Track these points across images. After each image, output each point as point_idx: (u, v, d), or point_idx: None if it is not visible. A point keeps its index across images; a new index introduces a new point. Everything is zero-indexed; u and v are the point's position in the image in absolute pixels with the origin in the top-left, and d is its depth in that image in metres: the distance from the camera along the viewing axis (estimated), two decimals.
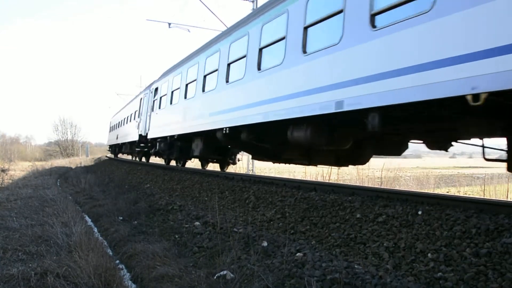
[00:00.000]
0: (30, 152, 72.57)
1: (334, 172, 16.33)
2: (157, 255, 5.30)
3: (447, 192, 13.49)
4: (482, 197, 9.12)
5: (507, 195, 12.16)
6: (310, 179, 14.37)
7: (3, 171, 22.53)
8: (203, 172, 12.21)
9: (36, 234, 6.49)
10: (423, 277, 3.73)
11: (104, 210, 9.33)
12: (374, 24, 5.09)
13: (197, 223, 6.69)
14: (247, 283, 4.08)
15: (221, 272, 4.38)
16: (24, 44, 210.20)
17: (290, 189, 7.31)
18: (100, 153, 60.90)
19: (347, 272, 3.87)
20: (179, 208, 8.25)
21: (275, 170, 24.01)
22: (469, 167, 41.53)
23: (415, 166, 37.31)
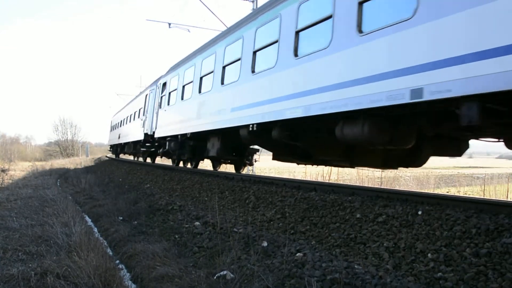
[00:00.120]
0: (30, 152, 72.58)
1: (334, 172, 16.34)
2: (157, 255, 5.30)
3: (447, 192, 13.49)
4: (482, 197, 9.12)
5: (507, 195, 12.18)
6: (310, 179, 14.39)
7: (3, 171, 22.53)
8: (203, 172, 12.21)
9: (36, 234, 6.49)
10: (423, 277, 3.74)
11: (104, 210, 9.33)
12: None
13: (197, 223, 6.69)
14: (247, 283, 4.08)
15: (221, 272, 4.38)
16: (24, 44, 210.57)
17: (290, 189, 7.31)
18: (100, 153, 60.93)
19: (347, 272, 3.87)
20: (179, 208, 8.25)
21: (275, 170, 24.03)
22: (469, 167, 41.54)
23: None
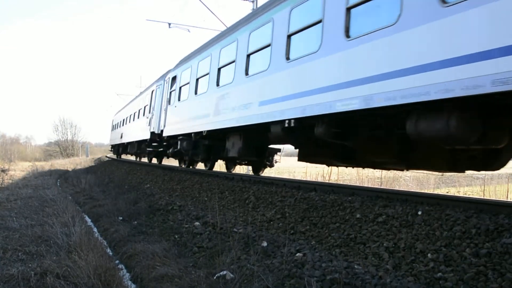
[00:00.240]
0: (30, 152, 72.63)
1: (334, 172, 16.35)
2: (157, 255, 5.30)
3: (447, 192, 13.49)
4: (482, 197, 9.13)
5: (507, 195, 12.18)
6: (310, 179, 14.39)
7: (3, 171, 22.52)
8: (203, 173, 12.21)
9: (36, 234, 6.49)
10: (423, 277, 3.73)
11: (104, 210, 9.33)
12: None
13: (197, 223, 6.69)
14: (247, 283, 4.08)
15: (221, 272, 4.38)
16: (24, 44, 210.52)
17: (290, 189, 7.30)
18: (100, 153, 60.93)
19: (347, 272, 3.87)
20: (179, 208, 8.25)
21: (275, 171, 24.01)
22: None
23: None
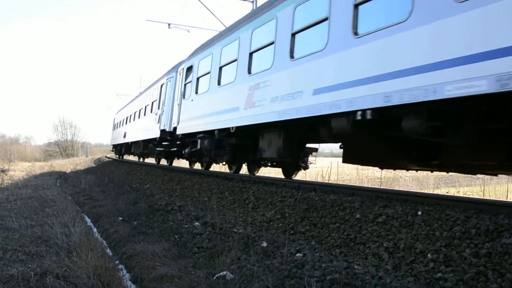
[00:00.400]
0: (30, 153, 72.67)
1: (334, 173, 16.36)
2: (157, 256, 5.30)
3: (447, 193, 13.49)
4: (482, 198, 9.14)
5: (507, 196, 12.19)
6: (310, 180, 14.40)
7: (3, 172, 22.54)
8: (203, 173, 12.21)
9: (36, 235, 6.49)
10: (423, 278, 3.73)
11: (104, 211, 9.32)
12: None
13: (197, 224, 6.69)
14: (247, 284, 4.08)
15: (221, 273, 4.37)
16: (24, 44, 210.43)
17: (290, 190, 7.30)
18: (100, 154, 60.94)
19: (347, 273, 3.87)
20: (179, 209, 8.25)
21: (275, 171, 23.99)
22: None
23: None
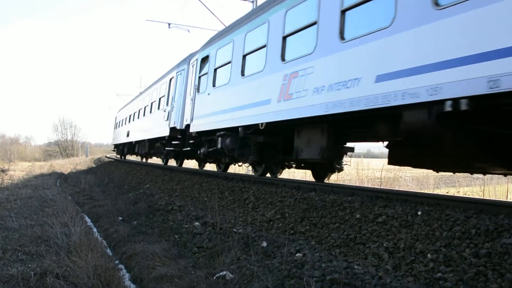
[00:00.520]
0: (30, 153, 72.68)
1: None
2: (157, 256, 5.30)
3: (447, 193, 13.48)
4: (482, 198, 9.13)
5: (507, 196, 12.16)
6: (310, 180, 14.38)
7: (3, 171, 22.55)
8: (203, 173, 12.21)
9: (36, 235, 6.49)
10: (423, 278, 3.73)
11: (104, 211, 9.33)
12: None
13: (197, 224, 6.69)
14: (247, 284, 4.08)
15: (221, 273, 4.38)
16: (24, 44, 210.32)
17: (290, 190, 7.30)
18: (100, 153, 60.95)
19: (347, 273, 3.87)
20: (179, 209, 8.25)
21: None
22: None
23: None
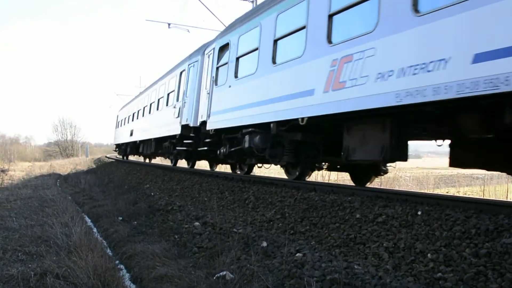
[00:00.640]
0: (30, 153, 72.71)
1: (334, 173, 16.32)
2: (157, 256, 5.30)
3: (447, 193, 13.49)
4: (482, 198, 9.13)
5: (507, 196, 12.18)
6: (310, 180, 14.37)
7: (3, 172, 22.53)
8: (203, 173, 12.20)
9: (36, 235, 6.49)
10: (423, 278, 3.73)
11: (104, 211, 9.33)
12: None
13: (197, 224, 6.69)
14: (247, 284, 4.08)
15: (221, 273, 4.38)
16: (24, 44, 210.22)
17: (290, 190, 7.30)
18: (100, 154, 60.94)
19: (347, 273, 3.87)
20: (179, 209, 8.25)
21: (275, 171, 23.97)
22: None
23: (415, 167, 37.20)
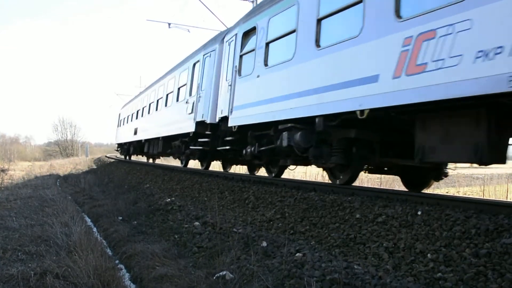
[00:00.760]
0: (30, 152, 72.76)
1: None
2: (157, 255, 5.30)
3: (447, 193, 13.49)
4: (482, 198, 9.14)
5: (507, 196, 12.19)
6: (310, 180, 14.38)
7: (3, 171, 22.53)
8: (203, 173, 12.20)
9: (36, 234, 6.49)
10: (423, 278, 3.73)
11: (104, 210, 9.32)
12: None
13: (197, 223, 6.68)
14: (247, 284, 4.08)
15: (221, 273, 4.37)
16: (24, 45, 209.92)
17: (290, 189, 7.30)
18: (100, 153, 60.94)
19: (347, 273, 3.87)
20: (179, 208, 8.25)
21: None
22: (469, 167, 41.44)
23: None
